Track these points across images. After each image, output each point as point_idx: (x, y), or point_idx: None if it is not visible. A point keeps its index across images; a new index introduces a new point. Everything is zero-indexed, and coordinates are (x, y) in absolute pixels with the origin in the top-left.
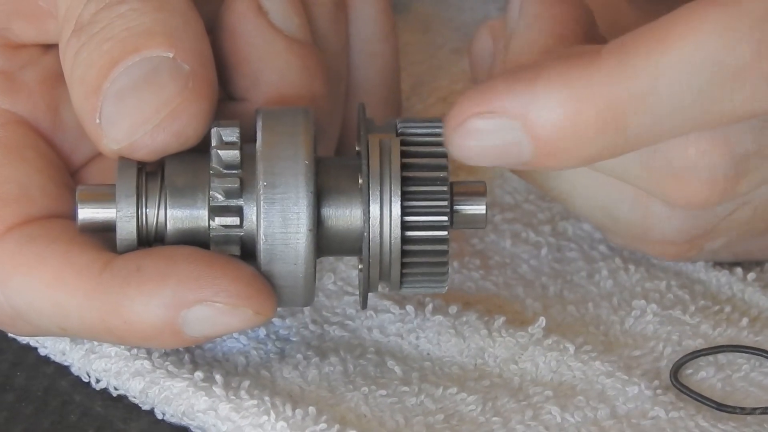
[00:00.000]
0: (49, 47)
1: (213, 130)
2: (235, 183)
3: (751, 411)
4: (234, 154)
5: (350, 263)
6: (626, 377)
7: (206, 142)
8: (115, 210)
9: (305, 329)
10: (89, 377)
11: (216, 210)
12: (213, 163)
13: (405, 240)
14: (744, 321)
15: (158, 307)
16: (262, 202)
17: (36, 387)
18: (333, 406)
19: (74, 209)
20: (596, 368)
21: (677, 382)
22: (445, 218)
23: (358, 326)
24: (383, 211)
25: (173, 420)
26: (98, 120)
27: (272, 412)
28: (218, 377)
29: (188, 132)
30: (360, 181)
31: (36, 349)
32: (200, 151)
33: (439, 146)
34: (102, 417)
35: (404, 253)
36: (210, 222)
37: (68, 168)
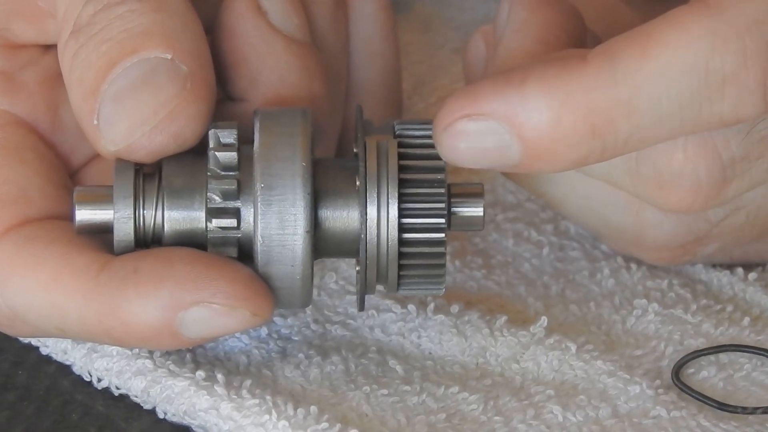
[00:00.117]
0: (49, 48)
1: (211, 132)
2: (233, 185)
3: (753, 410)
4: (231, 156)
5: (352, 263)
6: (628, 376)
7: (204, 144)
8: (113, 211)
9: (307, 328)
10: (91, 376)
11: (213, 212)
12: (210, 165)
13: (402, 242)
14: (746, 320)
15: (156, 309)
16: (259, 204)
17: (37, 386)
18: (335, 406)
19: (72, 210)
20: (598, 367)
21: (679, 382)
22: (443, 220)
23: (360, 325)
24: (380, 213)
25: (175, 419)
26: (96, 121)
27: (274, 412)
28: (220, 376)
29: (186, 133)
30: (357, 183)
31: (37, 349)
32: (198, 153)
33: None
34: (103, 416)
35: (401, 255)
36: (207, 224)
37: (67, 169)
